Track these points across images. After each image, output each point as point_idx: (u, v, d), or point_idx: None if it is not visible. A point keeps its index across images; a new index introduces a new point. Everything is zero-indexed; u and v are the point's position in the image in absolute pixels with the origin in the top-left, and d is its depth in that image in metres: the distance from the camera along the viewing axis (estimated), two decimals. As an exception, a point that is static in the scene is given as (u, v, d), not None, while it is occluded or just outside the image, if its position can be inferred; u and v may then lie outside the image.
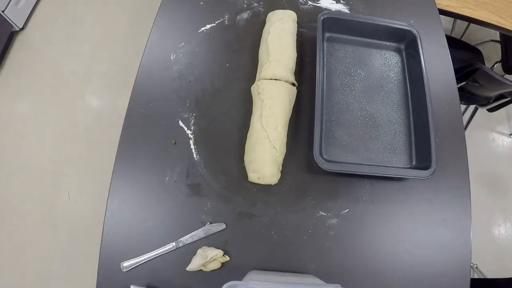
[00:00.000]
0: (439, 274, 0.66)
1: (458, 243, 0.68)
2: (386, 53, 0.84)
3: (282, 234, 0.65)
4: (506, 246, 1.77)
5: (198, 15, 0.82)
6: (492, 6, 1.32)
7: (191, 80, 0.75)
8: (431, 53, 0.83)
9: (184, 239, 0.62)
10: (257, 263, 0.63)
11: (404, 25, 0.80)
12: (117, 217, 0.63)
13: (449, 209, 0.71)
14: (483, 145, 2.00)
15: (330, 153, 0.71)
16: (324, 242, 0.65)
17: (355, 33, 0.82)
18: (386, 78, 0.81)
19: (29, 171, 1.61)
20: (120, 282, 0.59)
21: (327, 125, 0.73)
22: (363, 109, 0.76)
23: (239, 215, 0.65)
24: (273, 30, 0.75)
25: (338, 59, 0.81)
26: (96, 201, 1.54)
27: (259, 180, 0.64)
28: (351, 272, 0.64)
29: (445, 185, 0.72)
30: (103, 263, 0.60)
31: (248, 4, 0.86)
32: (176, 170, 0.67)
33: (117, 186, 0.65)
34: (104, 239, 0.62)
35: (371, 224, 0.68)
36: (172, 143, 0.69)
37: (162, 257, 0.61)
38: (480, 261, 1.60)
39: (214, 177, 0.67)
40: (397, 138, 0.75)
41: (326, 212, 0.67)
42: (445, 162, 0.73)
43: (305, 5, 0.88)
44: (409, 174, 0.69)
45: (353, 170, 0.66)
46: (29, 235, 1.50)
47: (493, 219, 1.83)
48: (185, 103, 0.73)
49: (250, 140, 0.67)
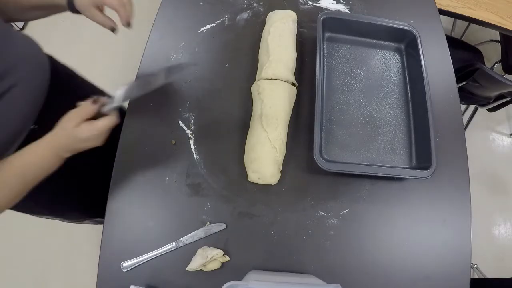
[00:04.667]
0: (439, 274, 0.66)
1: (458, 243, 0.68)
2: (386, 53, 0.84)
3: (282, 234, 0.65)
4: (506, 246, 1.77)
5: (198, 15, 0.82)
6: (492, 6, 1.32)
7: (191, 80, 0.75)
8: (431, 53, 0.83)
9: (184, 239, 0.62)
10: (257, 263, 0.63)
11: (404, 25, 0.80)
12: (117, 217, 0.63)
13: (449, 209, 0.71)
14: (483, 145, 2.00)
15: (330, 153, 0.71)
16: (324, 242, 0.65)
17: (355, 33, 0.82)
18: (386, 78, 0.81)
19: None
20: (120, 282, 0.59)
21: (327, 125, 0.73)
22: (363, 109, 0.76)
23: (239, 215, 0.65)
24: (273, 30, 0.75)
25: (338, 59, 0.81)
26: (96, 201, 1.54)
27: (259, 180, 0.64)
28: (351, 272, 0.64)
29: (445, 185, 0.72)
30: (103, 263, 0.60)
31: (248, 4, 0.86)
32: (176, 170, 0.67)
33: (117, 186, 0.65)
34: (104, 239, 0.62)
35: (371, 224, 0.68)
36: (172, 143, 0.69)
37: (162, 257, 0.61)
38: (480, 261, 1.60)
39: (214, 177, 0.67)
40: (397, 138, 0.75)
41: (326, 212, 0.67)
42: (445, 162, 0.73)
43: (305, 5, 0.88)
44: (409, 174, 0.69)
45: (353, 170, 0.66)
46: (29, 235, 1.50)
47: (493, 219, 1.83)
48: (185, 103, 0.73)
49: (250, 140, 0.67)
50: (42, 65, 0.64)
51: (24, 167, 0.52)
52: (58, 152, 0.53)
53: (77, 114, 0.52)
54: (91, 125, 0.52)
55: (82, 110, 0.52)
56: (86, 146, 0.54)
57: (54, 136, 0.53)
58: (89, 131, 0.51)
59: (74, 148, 0.53)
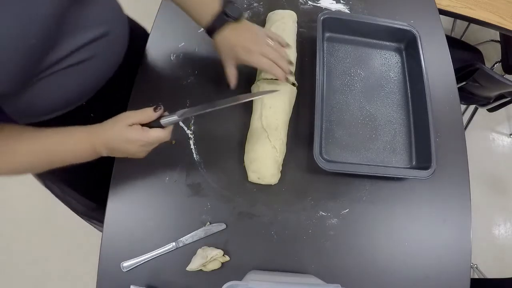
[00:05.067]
0: (439, 274, 0.66)
1: (458, 243, 0.68)
2: (386, 53, 0.84)
3: (282, 234, 0.65)
4: (506, 246, 1.77)
5: (198, 15, 0.82)
6: (492, 6, 1.32)
7: (191, 80, 0.75)
8: (431, 53, 0.83)
9: (184, 239, 0.62)
10: (257, 263, 0.63)
11: (404, 25, 0.80)
12: (117, 217, 0.63)
13: (449, 209, 0.71)
14: (483, 145, 2.00)
15: (330, 153, 0.71)
16: (324, 242, 0.65)
17: (355, 33, 0.82)
18: (386, 78, 0.81)
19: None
20: (120, 282, 0.59)
21: (327, 125, 0.73)
22: (363, 109, 0.76)
23: (239, 215, 0.65)
24: (273, 30, 0.75)
25: (338, 59, 0.81)
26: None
27: (259, 180, 0.64)
28: (351, 272, 0.64)
29: (445, 185, 0.72)
30: (103, 263, 0.60)
31: (248, 4, 0.86)
32: (176, 170, 0.67)
33: (117, 186, 0.65)
34: (104, 239, 0.62)
35: (371, 224, 0.68)
36: (172, 143, 0.69)
37: (162, 257, 0.61)
38: (480, 261, 1.60)
39: (214, 177, 0.67)
40: (397, 138, 0.75)
41: (326, 212, 0.67)
42: (445, 162, 0.73)
43: (305, 5, 0.88)
44: (409, 174, 0.69)
45: (353, 170, 0.66)
46: (29, 235, 1.50)
47: (493, 219, 1.83)
48: (185, 103, 0.73)
49: (250, 140, 0.67)
50: (124, 22, 0.65)
51: (57, 148, 0.51)
52: (97, 147, 0.51)
53: (135, 115, 0.51)
54: (144, 130, 0.50)
55: (141, 112, 0.51)
56: (126, 150, 0.51)
57: (100, 128, 0.51)
58: (139, 135, 0.49)
59: (116, 147, 0.51)
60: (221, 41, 0.62)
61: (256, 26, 0.64)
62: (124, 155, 0.53)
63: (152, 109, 0.51)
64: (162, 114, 0.52)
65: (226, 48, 0.63)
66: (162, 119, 0.52)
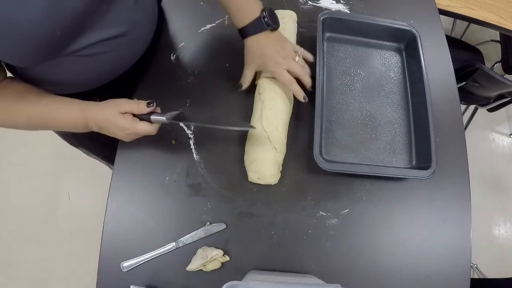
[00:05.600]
0: (439, 274, 0.66)
1: (458, 243, 0.68)
2: (386, 53, 0.84)
3: (282, 234, 0.65)
4: (506, 246, 1.77)
5: (198, 15, 0.82)
6: (492, 6, 1.32)
7: (191, 80, 0.75)
8: (431, 53, 0.83)
9: (184, 239, 0.62)
10: (257, 263, 0.63)
11: (404, 25, 0.80)
12: (117, 217, 0.63)
13: (449, 209, 0.71)
14: (483, 145, 2.00)
15: (330, 153, 0.71)
16: (324, 242, 0.65)
17: (355, 33, 0.82)
18: (386, 78, 0.81)
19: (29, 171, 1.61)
20: (120, 282, 0.59)
21: (327, 125, 0.73)
22: (363, 109, 0.76)
23: (239, 215, 0.65)
24: (273, 30, 0.75)
25: (338, 59, 0.81)
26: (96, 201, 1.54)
27: (259, 180, 0.64)
28: (351, 272, 0.64)
29: (445, 185, 0.72)
30: (103, 263, 0.60)
31: (248, 4, 0.85)
32: (176, 170, 0.67)
33: (117, 186, 0.65)
34: (104, 239, 0.62)
35: (371, 224, 0.68)
36: (172, 143, 0.69)
37: (162, 257, 0.61)
38: (480, 261, 1.60)
39: (214, 177, 0.67)
40: (397, 138, 0.75)
41: (326, 212, 0.67)
42: (445, 162, 0.73)
43: (305, 5, 0.88)
44: (409, 174, 0.69)
45: (353, 170, 0.66)
46: (29, 235, 1.50)
47: (493, 219, 1.83)
48: (185, 103, 0.73)
49: (250, 141, 0.67)
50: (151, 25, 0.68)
51: (53, 116, 0.55)
52: (89, 123, 0.55)
53: (129, 105, 0.54)
54: (134, 121, 0.54)
55: (135, 104, 0.54)
56: (114, 133, 0.56)
57: (95, 107, 0.54)
58: (128, 124, 0.53)
59: (104, 128, 0.55)
60: (252, 46, 0.65)
61: (286, 38, 0.67)
62: (111, 135, 0.57)
63: (146, 104, 0.54)
64: (154, 111, 0.55)
65: (256, 54, 0.65)
66: (152, 116, 0.55)
